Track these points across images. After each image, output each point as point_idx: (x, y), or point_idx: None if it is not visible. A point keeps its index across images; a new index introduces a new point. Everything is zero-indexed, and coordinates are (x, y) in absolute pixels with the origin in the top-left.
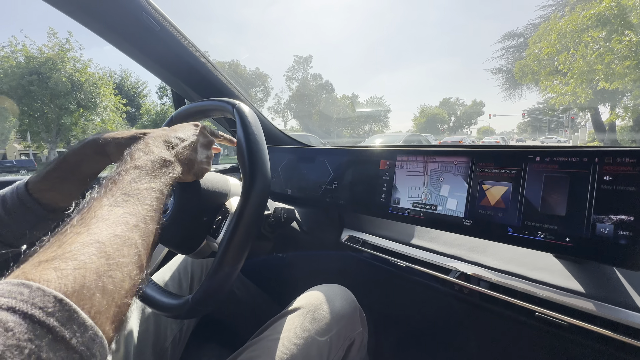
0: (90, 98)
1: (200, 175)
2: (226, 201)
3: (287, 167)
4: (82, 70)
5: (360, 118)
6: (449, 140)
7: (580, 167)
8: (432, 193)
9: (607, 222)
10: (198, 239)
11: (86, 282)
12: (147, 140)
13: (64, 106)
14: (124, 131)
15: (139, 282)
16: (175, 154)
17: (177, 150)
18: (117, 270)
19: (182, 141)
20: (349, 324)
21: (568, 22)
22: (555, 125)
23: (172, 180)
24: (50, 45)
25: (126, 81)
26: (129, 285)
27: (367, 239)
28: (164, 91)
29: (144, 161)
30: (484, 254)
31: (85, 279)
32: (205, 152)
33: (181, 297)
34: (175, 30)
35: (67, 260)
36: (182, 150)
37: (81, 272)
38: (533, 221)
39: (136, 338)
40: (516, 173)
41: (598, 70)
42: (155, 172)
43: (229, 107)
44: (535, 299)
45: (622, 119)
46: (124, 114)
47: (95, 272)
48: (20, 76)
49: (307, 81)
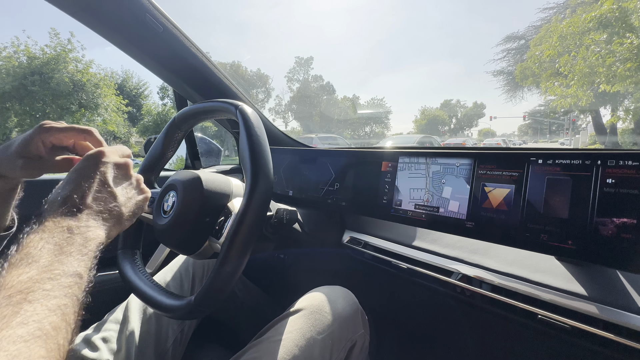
0: (92, 98)
1: (138, 212)
2: (228, 202)
3: (288, 168)
4: (84, 71)
5: (361, 119)
6: (451, 142)
7: (583, 170)
8: (434, 195)
9: (610, 224)
10: (200, 240)
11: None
12: (42, 220)
13: (65, 106)
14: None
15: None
16: (85, 219)
17: (84, 213)
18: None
19: (85, 192)
20: (351, 326)
21: (569, 24)
22: (557, 127)
23: (97, 248)
24: (53, 46)
25: (128, 82)
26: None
27: (369, 240)
28: (165, 92)
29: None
30: (486, 256)
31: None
32: (124, 182)
33: (183, 297)
34: (178, 32)
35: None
36: (91, 206)
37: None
38: (535, 223)
39: (137, 338)
40: (518, 175)
41: (599, 72)
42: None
43: (231, 108)
44: (537, 302)
45: (624, 122)
46: (125, 115)
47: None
48: (23, 76)
49: (308, 82)
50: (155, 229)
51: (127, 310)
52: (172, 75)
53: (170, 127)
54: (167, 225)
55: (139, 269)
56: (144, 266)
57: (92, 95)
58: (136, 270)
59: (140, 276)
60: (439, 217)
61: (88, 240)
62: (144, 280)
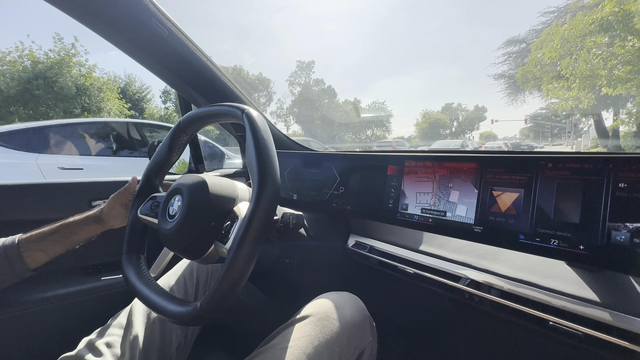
0: (95, 102)
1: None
2: (234, 206)
3: (293, 172)
4: (87, 75)
5: (362, 123)
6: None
7: (594, 174)
8: (441, 199)
9: (623, 229)
10: (206, 245)
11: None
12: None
13: (68, 110)
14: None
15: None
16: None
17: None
18: None
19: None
20: (360, 333)
21: (571, 26)
22: (558, 130)
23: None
24: (57, 50)
25: (130, 86)
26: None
27: (375, 245)
28: (167, 96)
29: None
30: (495, 261)
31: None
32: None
33: (189, 303)
34: (184, 36)
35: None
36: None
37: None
38: (546, 228)
39: (141, 343)
40: (527, 179)
41: (601, 75)
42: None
43: (238, 112)
44: (548, 308)
45: (626, 125)
46: (127, 118)
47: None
48: (27, 81)
49: (310, 86)
50: (160, 234)
51: (131, 315)
52: (177, 78)
53: (175, 130)
54: (172, 230)
55: (143, 273)
56: (148, 271)
57: (95, 99)
58: (141, 275)
59: (145, 281)
60: (446, 221)
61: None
62: (148, 285)
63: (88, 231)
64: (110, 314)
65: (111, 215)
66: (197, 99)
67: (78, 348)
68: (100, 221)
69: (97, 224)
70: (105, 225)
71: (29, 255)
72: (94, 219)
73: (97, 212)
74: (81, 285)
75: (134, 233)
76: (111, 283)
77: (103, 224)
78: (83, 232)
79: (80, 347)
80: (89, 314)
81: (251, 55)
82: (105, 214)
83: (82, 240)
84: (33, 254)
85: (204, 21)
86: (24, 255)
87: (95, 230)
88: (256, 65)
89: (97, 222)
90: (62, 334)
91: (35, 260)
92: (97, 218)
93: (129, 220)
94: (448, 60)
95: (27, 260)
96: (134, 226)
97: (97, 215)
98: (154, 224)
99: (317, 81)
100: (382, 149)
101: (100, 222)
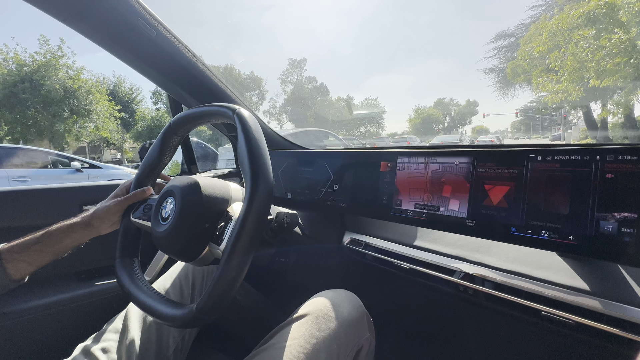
0: (84, 105)
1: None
2: (228, 207)
3: (286, 170)
4: (75, 77)
5: (355, 120)
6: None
7: (582, 165)
8: (434, 194)
9: (611, 219)
10: (200, 246)
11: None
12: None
13: (57, 113)
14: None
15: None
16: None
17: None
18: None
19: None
20: (357, 330)
21: (558, 20)
22: (549, 123)
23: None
24: (43, 53)
25: (120, 87)
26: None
27: (370, 241)
28: (158, 97)
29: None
30: (488, 254)
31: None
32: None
33: (185, 305)
34: (172, 36)
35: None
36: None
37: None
38: (536, 220)
39: (138, 348)
40: (518, 172)
41: (589, 67)
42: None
43: (229, 112)
44: (541, 298)
45: (614, 116)
46: (118, 120)
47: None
48: (12, 84)
49: (302, 84)
50: (153, 237)
51: (126, 320)
52: (166, 79)
53: (166, 132)
54: (166, 233)
55: (137, 277)
56: (143, 274)
57: (84, 101)
58: (135, 279)
59: (139, 285)
60: (440, 216)
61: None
62: (143, 289)
63: (74, 239)
64: (105, 319)
65: (102, 219)
66: (187, 99)
67: (74, 354)
68: (89, 226)
69: (85, 230)
70: (94, 230)
71: (12, 267)
72: (82, 225)
73: (87, 217)
74: (75, 291)
75: (127, 237)
76: (105, 288)
77: (92, 228)
78: (69, 240)
79: (76, 354)
80: (84, 319)
81: (242, 54)
82: (96, 218)
83: (69, 248)
84: (16, 265)
85: (192, 20)
86: (7, 267)
87: (82, 237)
88: (248, 64)
89: (86, 228)
90: (58, 341)
91: (20, 272)
92: (85, 224)
93: (122, 224)
94: (439, 55)
95: (10, 272)
96: (126, 230)
97: (85, 220)
98: (147, 227)
99: (310, 79)
100: (398, 144)
101: (89, 227)
